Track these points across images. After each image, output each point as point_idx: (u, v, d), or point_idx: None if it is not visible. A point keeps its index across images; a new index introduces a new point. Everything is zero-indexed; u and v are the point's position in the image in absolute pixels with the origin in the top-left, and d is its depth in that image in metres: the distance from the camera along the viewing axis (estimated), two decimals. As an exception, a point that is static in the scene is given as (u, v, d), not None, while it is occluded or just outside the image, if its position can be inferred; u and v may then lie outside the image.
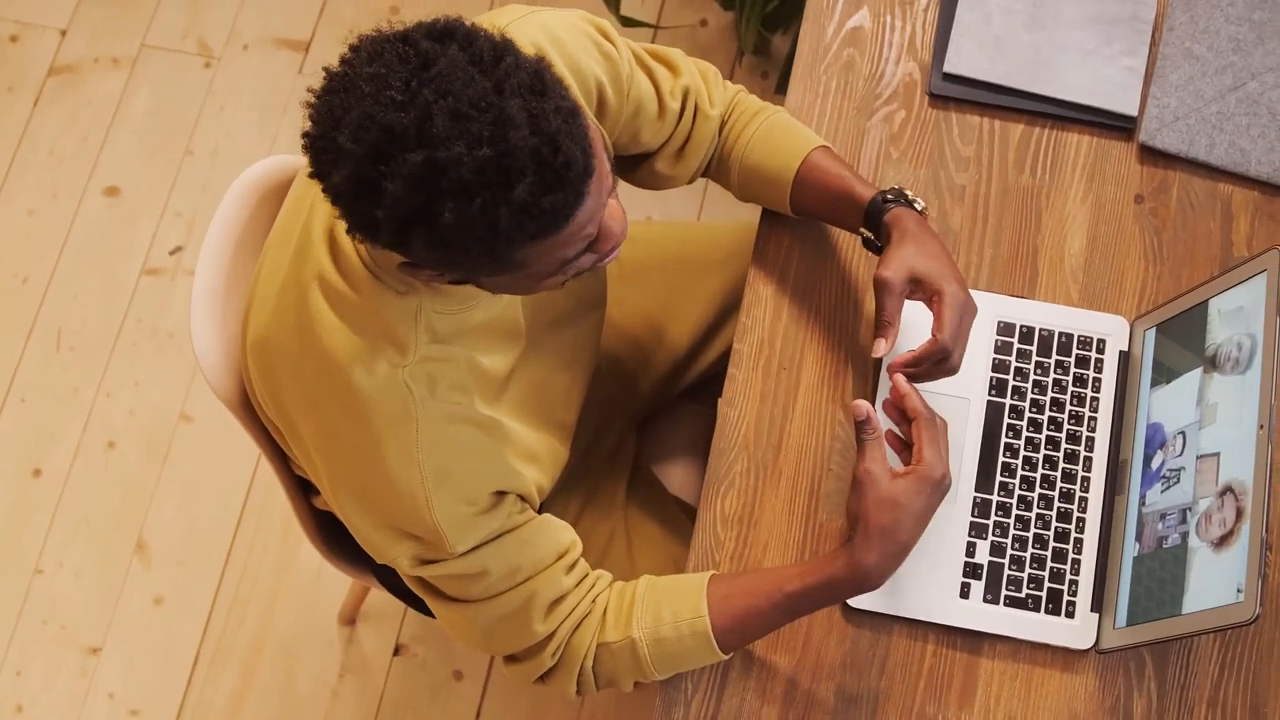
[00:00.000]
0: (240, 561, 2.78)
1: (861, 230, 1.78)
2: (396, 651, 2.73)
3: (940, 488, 1.61)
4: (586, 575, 1.70)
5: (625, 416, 2.13)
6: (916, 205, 1.75)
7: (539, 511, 1.80)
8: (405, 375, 1.50)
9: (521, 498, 1.65)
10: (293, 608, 2.75)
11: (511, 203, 1.30)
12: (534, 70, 1.34)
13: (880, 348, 1.68)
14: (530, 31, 1.59)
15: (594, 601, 1.69)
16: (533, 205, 1.31)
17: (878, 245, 1.76)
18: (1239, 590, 1.57)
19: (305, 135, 1.34)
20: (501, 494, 1.60)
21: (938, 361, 1.67)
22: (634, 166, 1.85)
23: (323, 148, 1.32)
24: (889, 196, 1.74)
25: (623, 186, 3.04)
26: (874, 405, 1.79)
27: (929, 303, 1.68)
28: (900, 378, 1.66)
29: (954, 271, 1.69)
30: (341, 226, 1.51)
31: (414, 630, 2.72)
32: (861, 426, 1.62)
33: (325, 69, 1.35)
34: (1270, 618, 1.80)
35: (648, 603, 1.68)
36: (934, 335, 1.66)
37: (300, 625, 2.74)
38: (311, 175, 1.34)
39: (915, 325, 1.86)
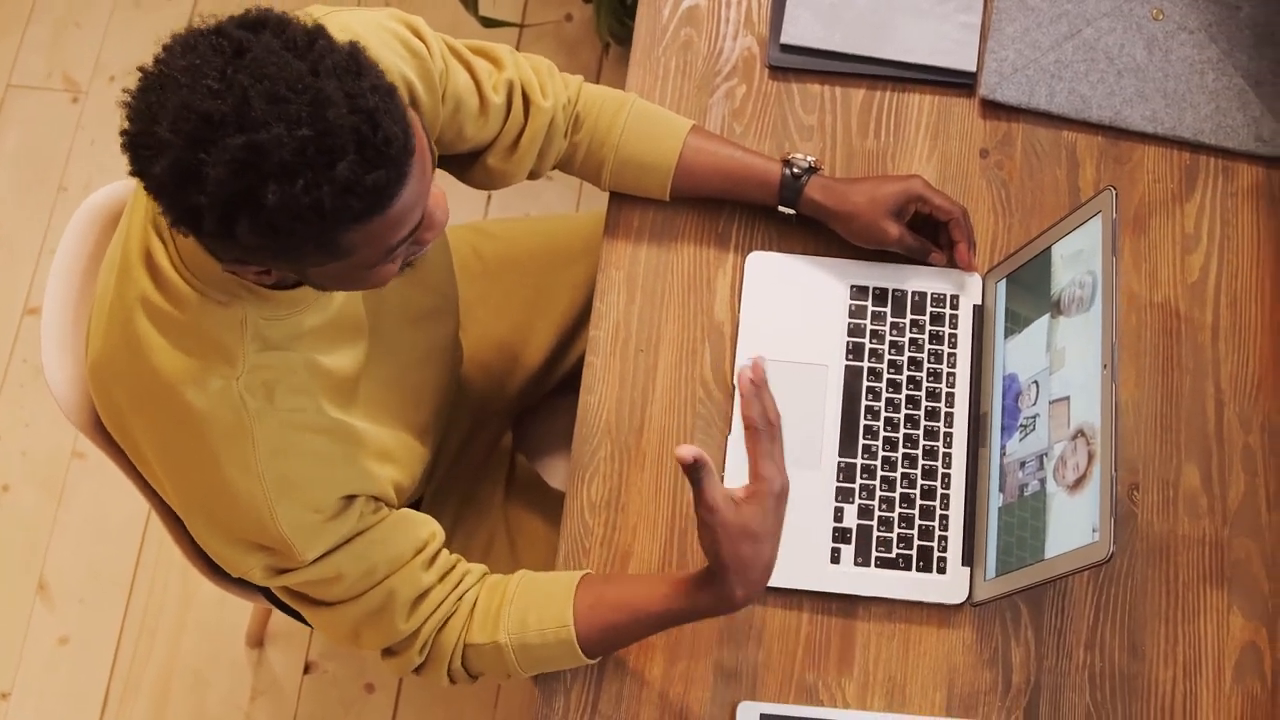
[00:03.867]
0: (143, 593, 2.77)
1: (780, 208, 1.88)
2: (306, 669, 2.71)
3: (782, 499, 1.55)
4: (452, 569, 1.69)
5: (498, 415, 2.13)
6: (819, 168, 1.87)
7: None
8: (239, 387, 1.50)
9: (375, 499, 1.64)
10: (200, 634, 2.74)
11: (335, 181, 1.29)
12: (348, 52, 1.34)
13: (939, 259, 1.90)
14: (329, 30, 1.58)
15: (460, 599, 1.68)
16: (356, 184, 1.30)
17: (796, 217, 1.91)
18: (1094, 530, 1.58)
19: (124, 134, 1.33)
20: (351, 498, 1.60)
21: (964, 222, 1.87)
22: (468, 165, 1.84)
23: (142, 143, 1.31)
24: (795, 172, 1.85)
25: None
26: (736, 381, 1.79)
27: (920, 208, 1.86)
28: (745, 379, 1.58)
29: (891, 178, 1.86)
30: (159, 246, 1.50)
31: (322, 647, 2.71)
32: (691, 470, 1.52)
33: (140, 68, 1.34)
34: (1142, 556, 1.81)
35: (517, 605, 1.67)
36: (949, 212, 1.86)
37: (208, 651, 2.73)
38: (131, 173, 1.34)
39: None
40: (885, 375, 1.85)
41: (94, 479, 2.84)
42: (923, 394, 1.85)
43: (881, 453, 1.82)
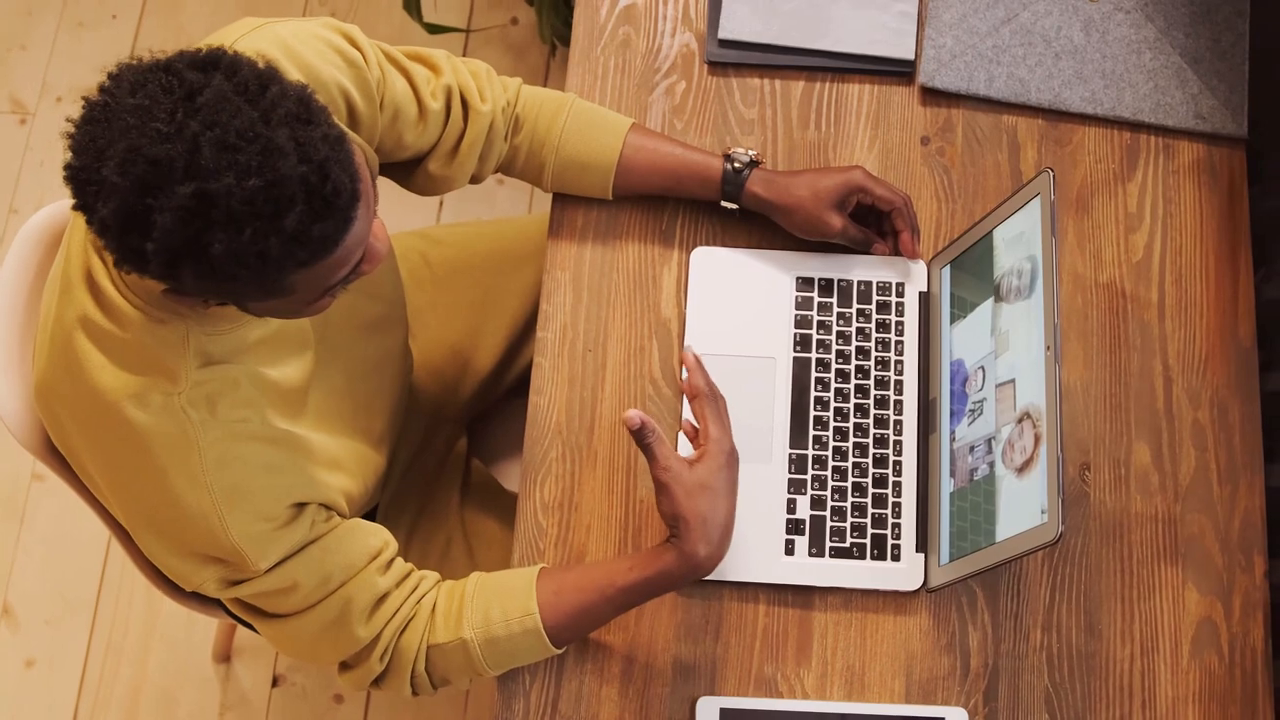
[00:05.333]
0: (108, 612, 2.76)
1: (723, 203, 1.88)
2: (275, 683, 2.71)
3: (733, 459, 1.64)
4: (408, 576, 1.69)
5: (452, 421, 2.13)
6: (760, 162, 1.87)
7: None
8: (181, 402, 1.49)
9: (326, 507, 1.64)
10: (166, 651, 2.73)
11: (282, 232, 1.29)
12: (300, 98, 1.33)
13: (883, 249, 1.89)
14: (260, 44, 1.57)
15: (419, 603, 1.68)
16: (303, 234, 1.31)
17: (740, 211, 1.92)
18: (1043, 512, 1.58)
19: (67, 167, 1.32)
20: (301, 506, 1.59)
21: (907, 210, 1.87)
22: (409, 172, 1.84)
23: (86, 180, 1.30)
24: (736, 166, 1.85)
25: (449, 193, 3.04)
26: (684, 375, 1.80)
27: (862, 198, 1.85)
28: (690, 353, 1.69)
29: (832, 170, 1.86)
30: (99, 265, 1.50)
31: (290, 660, 2.71)
32: (640, 434, 1.61)
33: (84, 98, 1.33)
34: (1096, 535, 1.82)
35: (478, 602, 1.67)
36: (891, 202, 1.85)
37: (176, 668, 2.72)
38: (75, 208, 1.33)
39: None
40: (833, 365, 1.86)
41: (54, 500, 2.83)
42: (871, 382, 1.85)
43: (832, 443, 1.83)
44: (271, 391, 1.58)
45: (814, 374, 1.85)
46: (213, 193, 1.26)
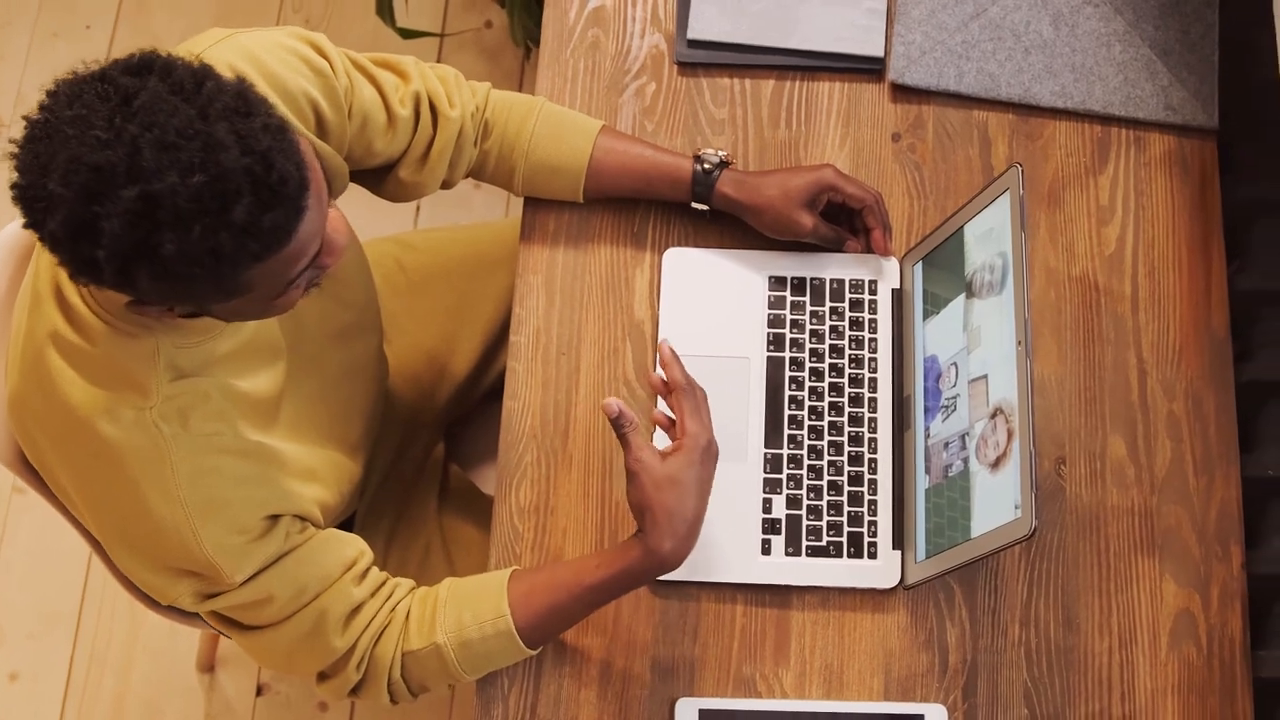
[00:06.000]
0: (91, 625, 2.75)
1: (694, 205, 1.87)
2: (259, 692, 2.70)
3: (710, 454, 1.62)
4: (383, 585, 1.69)
5: (429, 426, 2.12)
6: (730, 162, 1.87)
7: (344, 530, 1.80)
8: (153, 416, 1.49)
9: (300, 518, 1.64)
10: (150, 662, 2.73)
11: (232, 225, 1.29)
12: (237, 92, 1.33)
13: (855, 247, 1.90)
14: (227, 56, 1.57)
15: (393, 611, 1.68)
16: (253, 225, 1.30)
17: (711, 212, 1.91)
18: (1016, 507, 1.58)
19: (14, 187, 1.32)
20: (275, 518, 1.59)
21: (878, 208, 1.87)
22: (380, 179, 1.84)
23: (33, 196, 1.30)
24: (706, 168, 1.85)
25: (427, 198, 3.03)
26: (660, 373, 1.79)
27: (833, 197, 1.85)
28: (665, 346, 1.67)
29: (802, 169, 1.86)
30: (68, 280, 1.49)
31: (274, 668, 2.70)
32: (617, 423, 1.61)
33: (25, 117, 1.33)
34: (1072, 529, 1.82)
35: (450, 607, 1.67)
36: (861, 200, 1.85)
37: (160, 679, 2.71)
38: (25, 226, 1.33)
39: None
40: (807, 364, 1.86)
41: (35, 514, 2.83)
42: (845, 380, 1.85)
43: (807, 441, 1.83)
44: (243, 403, 1.58)
45: (788, 373, 1.85)
46: (157, 193, 1.26)
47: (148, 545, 1.55)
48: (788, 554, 1.79)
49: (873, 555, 1.79)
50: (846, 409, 1.84)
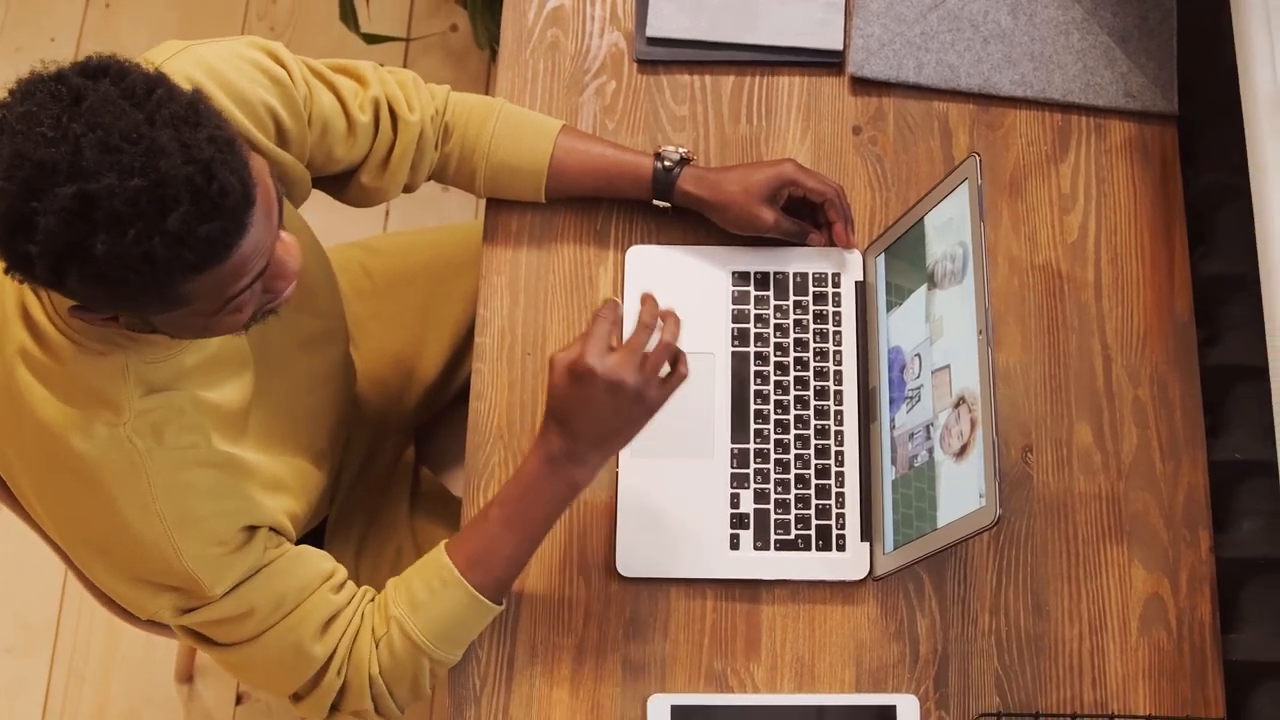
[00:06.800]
0: (69, 638, 2.75)
1: (655, 202, 1.87)
2: (239, 700, 2.70)
3: (624, 390, 1.57)
4: (355, 594, 1.69)
5: (398, 430, 2.12)
6: (690, 159, 1.87)
7: (315, 536, 1.80)
8: (127, 431, 1.48)
9: (274, 530, 1.64)
10: (129, 674, 2.72)
11: (166, 233, 1.28)
12: (189, 102, 1.33)
13: (818, 240, 1.89)
14: (185, 67, 1.57)
15: (363, 615, 1.68)
16: (189, 235, 1.30)
17: (673, 209, 1.90)
18: (981, 496, 1.59)
19: None
20: (253, 529, 1.59)
21: (839, 201, 1.87)
22: (342, 185, 1.84)
23: None
24: (666, 165, 1.85)
25: (396, 201, 3.03)
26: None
27: (794, 191, 1.85)
28: (649, 295, 1.63)
29: (763, 164, 1.86)
30: (32, 298, 1.49)
31: (253, 676, 2.70)
32: (599, 313, 1.59)
33: None
34: (1040, 517, 1.82)
35: (399, 583, 1.68)
36: (822, 194, 1.85)
37: (139, 691, 2.71)
38: None
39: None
40: (772, 358, 1.86)
41: (10, 528, 2.82)
42: (811, 374, 1.85)
43: (774, 436, 1.83)
44: (214, 414, 1.58)
45: (753, 368, 1.85)
46: (94, 193, 1.26)
47: (126, 560, 1.54)
48: (757, 548, 1.79)
49: (841, 547, 1.79)
50: (812, 402, 1.84)
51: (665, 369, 1.60)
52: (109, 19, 3.20)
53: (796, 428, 1.83)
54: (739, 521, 1.80)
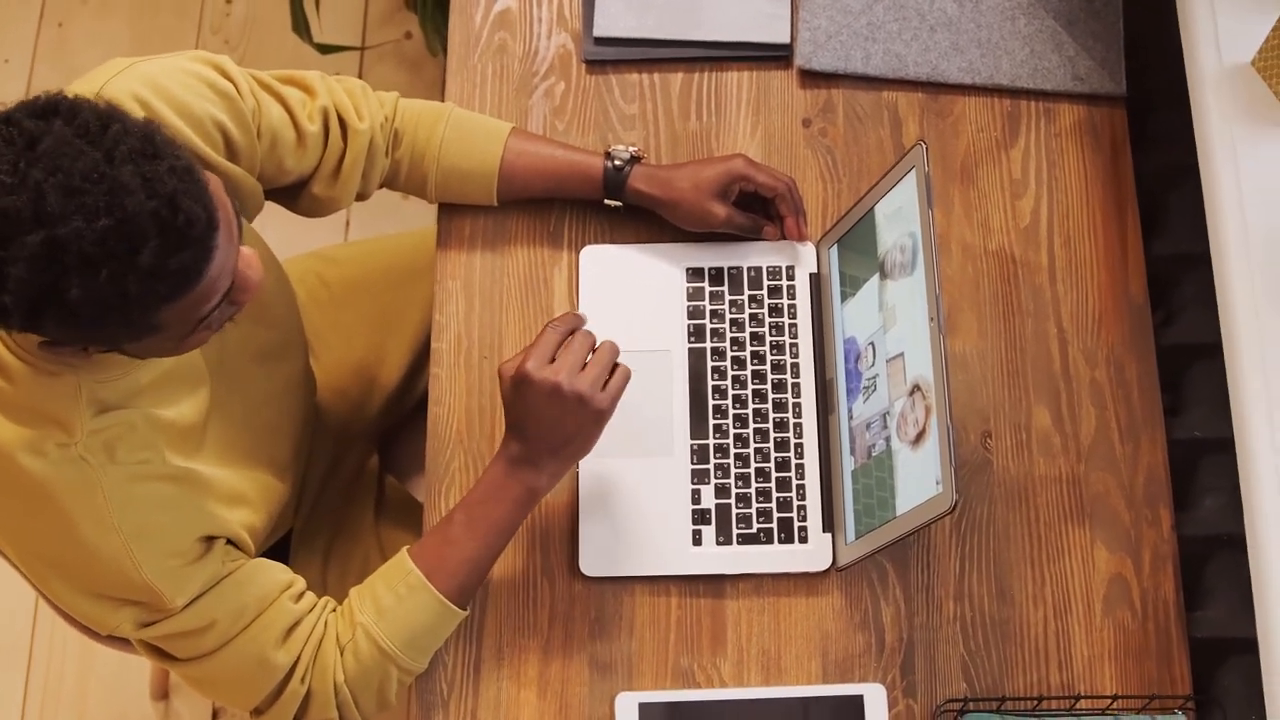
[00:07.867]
0: (43, 659, 2.74)
1: (607, 201, 1.88)
2: (214, 716, 2.70)
3: (564, 397, 1.60)
4: (317, 603, 1.69)
5: (361, 439, 2.12)
6: (640, 157, 1.87)
7: (281, 546, 1.80)
8: (79, 450, 1.48)
9: (231, 542, 1.63)
10: (103, 694, 2.72)
11: (139, 269, 1.28)
12: (143, 134, 1.32)
13: (772, 234, 1.90)
14: (131, 86, 1.56)
15: (327, 623, 1.68)
16: (160, 268, 1.30)
17: (625, 207, 1.91)
18: (938, 482, 1.59)
19: None
20: (210, 539, 1.59)
21: (791, 195, 1.87)
22: (294, 195, 1.83)
23: None
24: (616, 164, 1.85)
25: (357, 210, 3.03)
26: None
27: (745, 186, 1.86)
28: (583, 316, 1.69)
29: (713, 160, 1.87)
30: None
31: (228, 691, 2.70)
32: (553, 323, 1.64)
33: None
34: (1001, 502, 1.83)
35: (364, 589, 1.69)
36: (773, 188, 1.86)
37: (114, 710, 2.71)
38: None
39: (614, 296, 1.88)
40: (729, 354, 1.86)
41: (-19, 550, 2.81)
42: (768, 367, 1.85)
43: (733, 430, 1.83)
44: (168, 431, 1.57)
45: (710, 363, 1.86)
46: (62, 238, 1.25)
47: (86, 576, 1.54)
48: (719, 543, 1.79)
49: (804, 539, 1.79)
50: (770, 396, 1.84)
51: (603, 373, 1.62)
52: (62, 38, 3.19)
53: (755, 422, 1.83)
54: (701, 517, 1.80)
